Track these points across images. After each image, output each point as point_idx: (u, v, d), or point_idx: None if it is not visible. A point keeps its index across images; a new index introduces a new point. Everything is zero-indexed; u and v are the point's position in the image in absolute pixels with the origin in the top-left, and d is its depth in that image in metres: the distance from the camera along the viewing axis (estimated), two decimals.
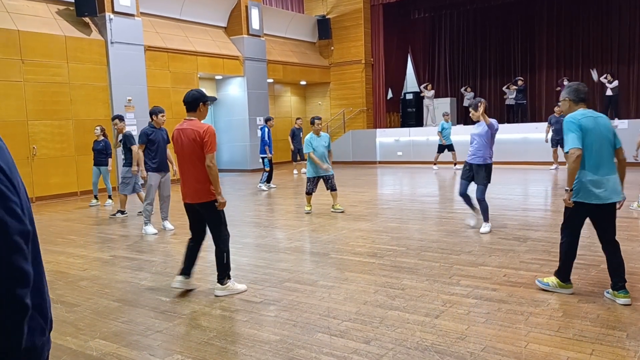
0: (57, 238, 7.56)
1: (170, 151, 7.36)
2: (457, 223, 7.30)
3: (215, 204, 4.48)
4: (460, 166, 15.63)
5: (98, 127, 10.72)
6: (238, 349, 3.47)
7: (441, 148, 15.10)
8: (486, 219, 6.79)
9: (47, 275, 6.05)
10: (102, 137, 10.65)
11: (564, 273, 4.26)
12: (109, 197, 11.13)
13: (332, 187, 8.73)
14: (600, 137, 4.01)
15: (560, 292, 4.25)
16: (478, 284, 4.58)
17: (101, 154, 10.66)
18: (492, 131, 6.52)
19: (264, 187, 12.20)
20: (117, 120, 9.11)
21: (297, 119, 16.33)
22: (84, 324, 4.05)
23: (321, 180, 8.80)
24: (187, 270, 4.70)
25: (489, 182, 6.63)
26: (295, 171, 16.50)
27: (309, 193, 8.81)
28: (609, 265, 4.13)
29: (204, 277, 5.22)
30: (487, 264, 5.23)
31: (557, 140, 13.28)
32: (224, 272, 4.60)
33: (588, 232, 6.46)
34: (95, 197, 11.07)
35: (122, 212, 9.12)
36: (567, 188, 4.06)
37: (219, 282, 4.62)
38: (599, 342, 3.35)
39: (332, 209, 8.76)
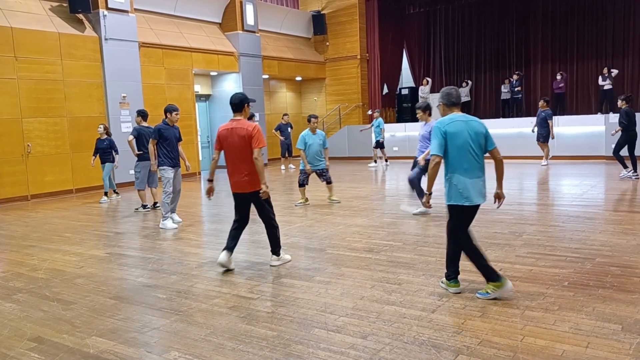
0: (52, 236, 7.55)
1: (181, 148, 7.97)
2: None
3: (260, 192, 5.08)
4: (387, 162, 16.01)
5: (101, 126, 10.88)
6: (235, 345, 3.48)
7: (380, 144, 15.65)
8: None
9: (44, 273, 5.99)
10: (105, 136, 10.79)
11: (453, 273, 4.32)
12: (105, 194, 11.10)
13: (327, 180, 9.06)
14: (470, 140, 4.10)
15: (450, 290, 4.29)
16: (474, 278, 4.59)
17: (106, 152, 10.82)
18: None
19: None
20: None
21: (284, 114, 16.35)
22: (80, 321, 4.05)
23: (315, 174, 9.09)
24: (230, 246, 5.24)
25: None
26: (282, 167, 16.49)
27: (301, 185, 9.10)
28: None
29: (201, 273, 5.22)
30: None
31: (542, 135, 13.41)
32: (277, 246, 5.36)
33: (583, 226, 6.50)
34: (106, 194, 11.12)
35: (144, 207, 9.43)
36: (426, 192, 4.28)
37: (274, 254, 5.36)
38: (594, 335, 3.37)
39: (329, 200, 9.13)
